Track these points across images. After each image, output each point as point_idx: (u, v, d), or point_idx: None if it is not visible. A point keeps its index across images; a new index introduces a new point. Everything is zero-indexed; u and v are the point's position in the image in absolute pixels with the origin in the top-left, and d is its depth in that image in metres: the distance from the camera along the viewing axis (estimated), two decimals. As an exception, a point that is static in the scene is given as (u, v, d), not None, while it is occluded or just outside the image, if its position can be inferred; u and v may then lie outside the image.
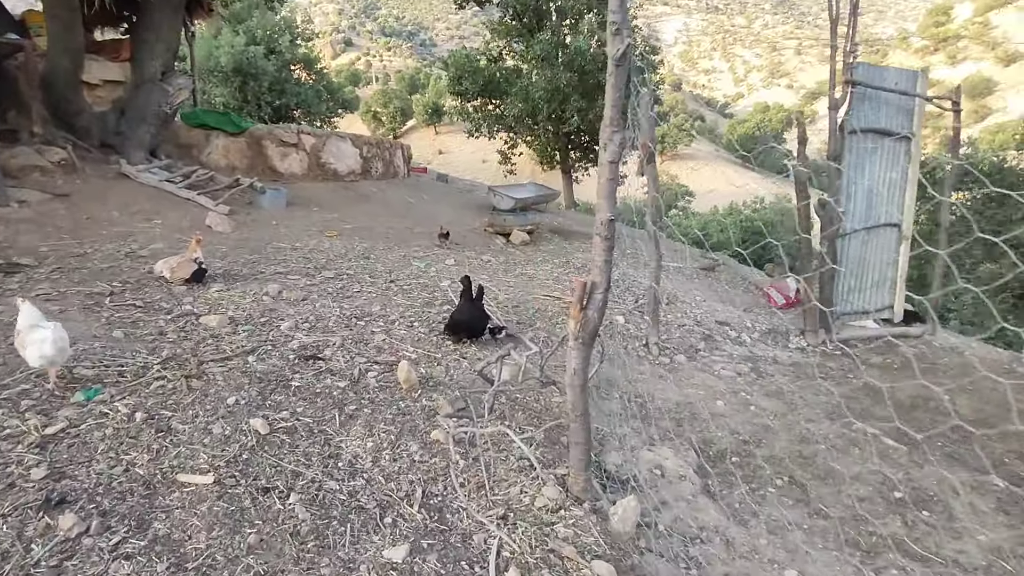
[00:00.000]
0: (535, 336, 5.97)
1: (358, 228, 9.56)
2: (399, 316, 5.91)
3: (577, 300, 3.20)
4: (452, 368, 4.88)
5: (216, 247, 7.62)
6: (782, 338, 7.51)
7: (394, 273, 7.50)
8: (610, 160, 3.07)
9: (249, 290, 6.08)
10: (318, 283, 6.68)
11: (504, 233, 10.82)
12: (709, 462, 4.28)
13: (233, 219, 8.75)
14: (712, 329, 7.38)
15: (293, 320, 5.42)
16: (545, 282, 8.39)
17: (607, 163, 3.08)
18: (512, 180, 29.14)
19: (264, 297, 5.96)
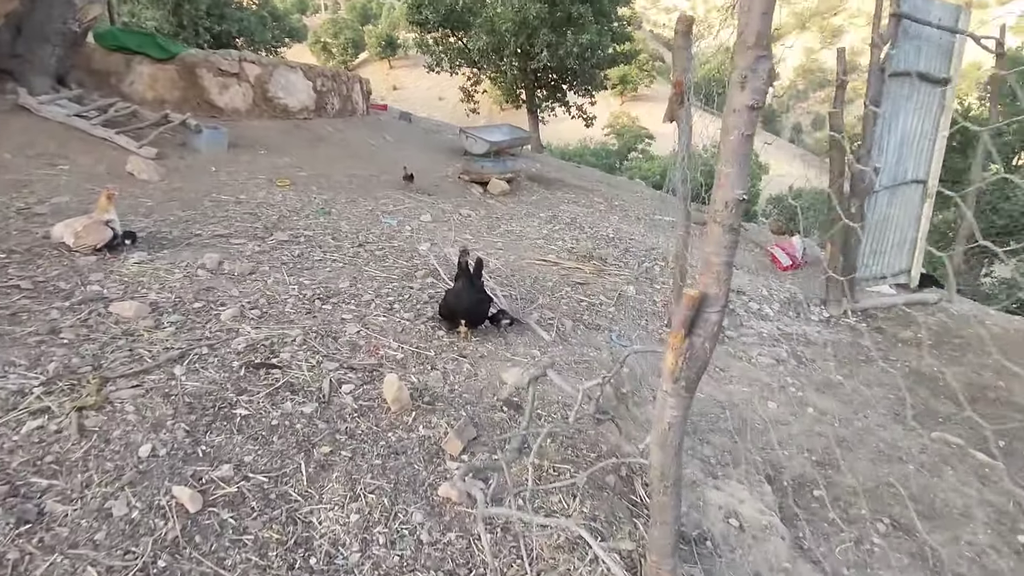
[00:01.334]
0: (542, 318, 4.82)
1: (315, 175, 8.07)
2: (374, 294, 4.65)
3: (681, 323, 2.05)
4: (451, 373, 3.71)
5: (139, 201, 6.09)
6: (803, 308, 6.59)
7: (362, 234, 6.16)
8: (750, 104, 1.85)
9: (180, 261, 4.69)
10: (269, 249, 5.31)
11: (481, 182, 9.49)
12: (789, 498, 3.30)
13: (161, 165, 7.14)
14: (731, 301, 6.37)
15: (238, 305, 4.11)
16: (536, 242, 7.19)
17: (744, 108, 1.86)
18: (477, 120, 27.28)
19: (199, 271, 4.59)
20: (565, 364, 4.12)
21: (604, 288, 5.94)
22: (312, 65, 12.31)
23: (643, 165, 36.73)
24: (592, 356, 4.36)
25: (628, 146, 45.02)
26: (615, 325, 5.11)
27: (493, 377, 3.75)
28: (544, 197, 9.61)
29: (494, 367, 3.86)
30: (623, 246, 7.52)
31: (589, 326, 4.96)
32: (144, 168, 6.80)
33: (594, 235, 7.81)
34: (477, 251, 6.35)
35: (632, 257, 7.20)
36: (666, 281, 6.54)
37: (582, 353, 4.36)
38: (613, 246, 7.45)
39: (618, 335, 4.89)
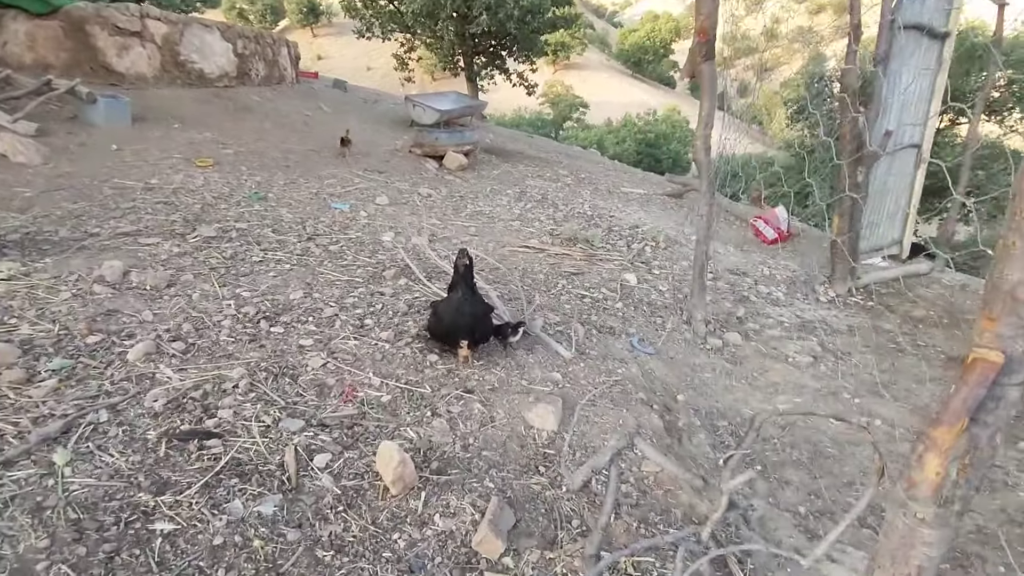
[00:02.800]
0: (547, 324, 3.86)
1: (243, 153, 6.72)
2: (337, 306, 3.56)
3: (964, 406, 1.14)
4: (459, 419, 2.71)
5: (13, 191, 4.67)
6: (807, 288, 5.92)
7: (309, 224, 4.98)
8: None
9: (68, 273, 3.44)
10: (192, 250, 4.09)
11: (436, 156, 8.34)
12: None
13: (44, 143, 5.65)
14: (734, 283, 5.62)
15: (152, 336, 2.95)
16: (511, 224, 6.19)
17: None
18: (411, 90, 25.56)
19: (96, 287, 3.36)
20: (594, 388, 3.20)
21: (602, 278, 5.04)
22: (230, 24, 10.64)
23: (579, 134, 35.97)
24: (622, 373, 3.45)
25: (563, 115, 44.17)
26: (630, 326, 4.22)
27: (515, 419, 2.79)
28: (506, 172, 8.57)
29: (512, 404, 2.89)
30: (605, 224, 6.63)
31: (602, 330, 4.05)
32: (20, 148, 5.31)
33: (571, 213, 6.88)
34: (447, 237, 5.31)
35: (618, 237, 6.32)
36: (663, 265, 5.71)
37: (608, 370, 3.45)
38: (595, 225, 6.55)
39: (639, 340, 4.00)
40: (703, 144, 4.13)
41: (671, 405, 3.35)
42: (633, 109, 41.73)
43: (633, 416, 3.01)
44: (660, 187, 9.83)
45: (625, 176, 10.21)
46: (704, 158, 4.15)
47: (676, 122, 39.41)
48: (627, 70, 55.27)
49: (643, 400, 3.23)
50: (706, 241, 4.31)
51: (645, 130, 35.98)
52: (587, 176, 9.14)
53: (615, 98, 49.72)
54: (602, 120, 40.28)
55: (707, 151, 4.15)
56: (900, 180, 6.76)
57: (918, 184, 6.93)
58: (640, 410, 3.10)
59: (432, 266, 4.48)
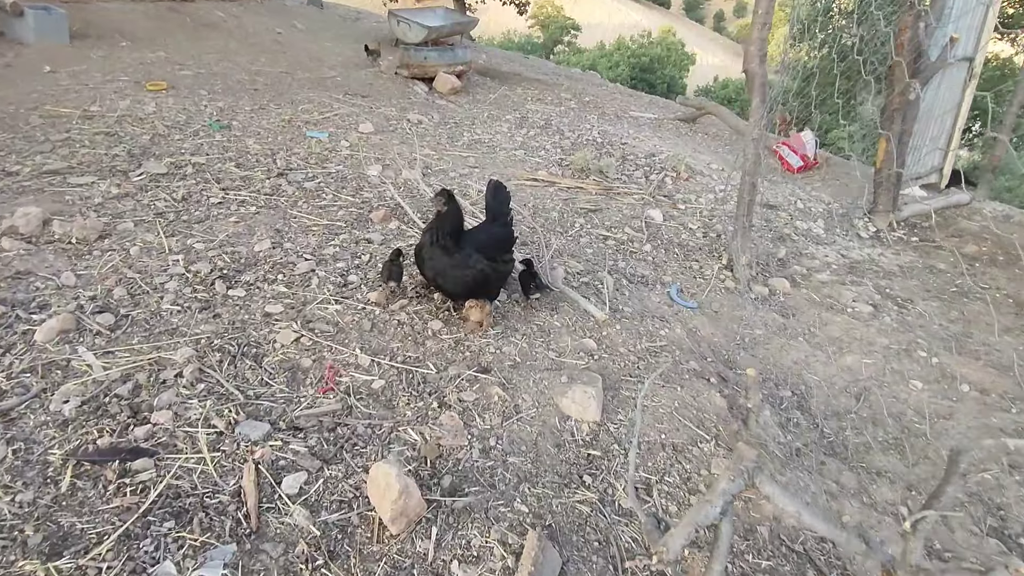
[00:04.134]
0: (570, 274, 3.17)
1: (204, 75, 5.75)
2: (314, 260, 2.84)
3: None
4: (474, 410, 2.06)
5: None
6: (845, 223, 5.23)
7: (281, 156, 4.17)
8: None
9: None
10: (135, 191, 3.31)
11: (425, 77, 7.35)
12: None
13: None
14: (768, 218, 4.91)
15: (71, 307, 2.24)
16: (514, 154, 5.38)
17: None
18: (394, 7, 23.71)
19: (4, 241, 2.61)
20: (636, 358, 2.55)
21: (623, 215, 4.32)
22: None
23: (571, 58, 34.09)
24: (665, 336, 2.80)
25: (554, 38, 41.91)
26: (664, 273, 3.54)
27: (545, 408, 2.14)
28: (504, 95, 7.63)
29: (540, 386, 2.24)
30: (618, 153, 5.83)
31: (633, 279, 3.37)
32: (-70, 69, 4.38)
33: (579, 141, 6.05)
34: (444, 170, 4.53)
35: (633, 167, 5.54)
36: (687, 199, 4.98)
37: (650, 332, 2.80)
38: (607, 154, 5.74)
39: (677, 290, 3.33)
40: (757, 50, 3.31)
41: (726, 374, 2.71)
42: (626, 31, 39.54)
43: (690, 395, 2.37)
44: (669, 111, 8.91)
45: (632, 100, 9.25)
46: (759, 68, 3.34)
47: (671, 44, 37.45)
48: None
49: (696, 371, 2.59)
50: (755, 172, 3.57)
51: (639, 53, 34.14)
52: (592, 100, 8.19)
53: (608, 19, 47.18)
54: (594, 43, 38.18)
55: (762, 59, 3.34)
56: (948, 99, 5.95)
57: (966, 105, 6.12)
58: (696, 386, 2.46)
59: (425, 203, 3.74)
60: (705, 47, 46.10)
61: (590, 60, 32.81)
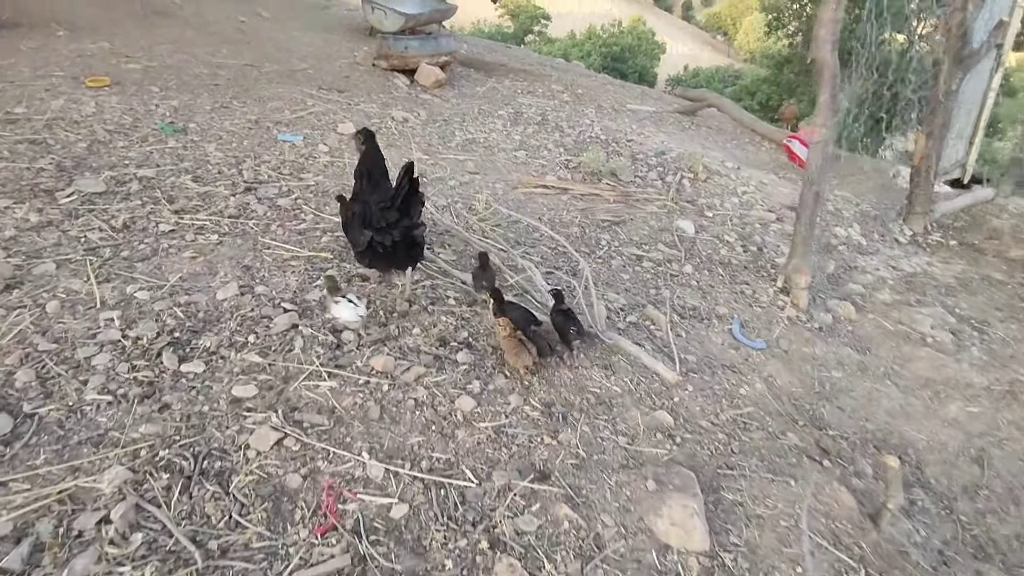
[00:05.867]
0: (612, 311, 2.55)
1: (155, 69, 4.93)
2: (297, 310, 2.15)
3: None
4: (538, 547, 1.43)
5: None
6: (879, 226, 4.71)
7: (248, 166, 3.44)
8: None
9: None
10: (62, 218, 2.57)
11: (406, 69, 6.60)
12: None
13: None
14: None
15: None
16: (515, 155, 4.71)
17: None
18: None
19: None
20: (726, 435, 1.95)
21: (650, 227, 3.71)
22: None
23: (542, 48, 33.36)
24: (746, 396, 2.22)
25: (524, 28, 41.06)
26: (715, 302, 2.95)
27: (635, 536, 1.52)
28: (492, 88, 6.93)
29: (620, 496, 1.61)
30: (626, 152, 5.20)
31: (685, 313, 2.77)
32: None
33: (582, 138, 5.41)
34: (442, 178, 3.85)
35: (645, 167, 4.93)
36: (713, 204, 4.40)
37: (728, 393, 2.20)
38: (615, 153, 5.11)
39: (739, 326, 2.73)
40: (829, 35, 2.70)
41: (825, 442, 2.12)
42: (596, 20, 38.94)
43: (808, 490, 1.78)
44: (665, 103, 8.31)
45: (624, 91, 8.62)
46: (830, 57, 2.73)
47: (641, 33, 36.97)
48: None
49: (798, 448, 2.00)
50: (820, 181, 2.98)
51: (610, 43, 33.59)
52: (585, 92, 7.55)
53: (578, 8, 46.48)
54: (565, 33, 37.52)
55: (834, 46, 2.73)
56: (976, 89, 5.46)
57: (992, 94, 5.65)
58: (811, 475, 1.86)
59: (429, 223, 3.07)
60: (675, 36, 45.77)
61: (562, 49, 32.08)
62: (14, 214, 2.57)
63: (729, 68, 33.92)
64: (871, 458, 2.17)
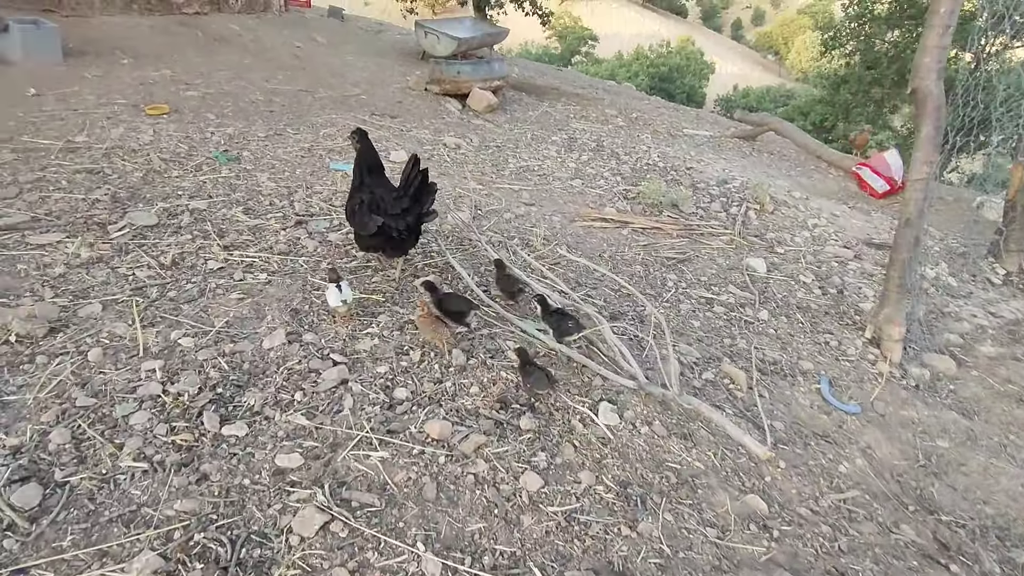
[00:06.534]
0: (686, 365, 2.31)
1: (212, 96, 4.97)
2: (346, 363, 1.99)
3: None
4: None
5: None
6: (970, 265, 4.31)
7: (300, 196, 3.35)
8: None
9: None
10: (112, 254, 2.50)
11: (458, 94, 6.53)
12: None
13: None
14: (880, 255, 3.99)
15: None
16: (570, 184, 4.52)
17: None
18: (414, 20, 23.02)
19: None
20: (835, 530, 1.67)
21: (718, 266, 3.44)
22: (200, -61, 8.55)
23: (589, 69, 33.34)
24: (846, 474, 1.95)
25: (571, 49, 41.24)
26: (797, 355, 2.66)
27: None
28: (545, 112, 6.79)
29: None
30: (686, 180, 4.95)
31: (766, 368, 2.50)
32: None
33: (639, 166, 5.19)
34: (497, 211, 3.68)
35: (707, 197, 4.66)
36: (783, 238, 4.09)
37: (825, 471, 1.93)
38: (674, 181, 4.87)
39: (828, 385, 2.44)
40: (935, 63, 2.42)
41: (946, 537, 1.82)
42: (644, 41, 38.80)
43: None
44: (721, 127, 8.01)
45: (679, 115, 8.36)
46: (935, 87, 2.44)
47: (690, 53, 36.64)
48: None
49: (916, 547, 1.71)
50: (919, 224, 2.67)
51: (658, 63, 33.35)
52: (639, 116, 7.33)
53: (625, 29, 46.49)
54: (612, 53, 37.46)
55: (940, 75, 2.44)
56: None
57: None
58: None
59: (484, 260, 2.89)
60: (724, 56, 45.17)
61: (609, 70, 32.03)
62: (66, 248, 2.51)
63: (780, 88, 33.17)
64: (996, 552, 1.86)
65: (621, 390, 2.07)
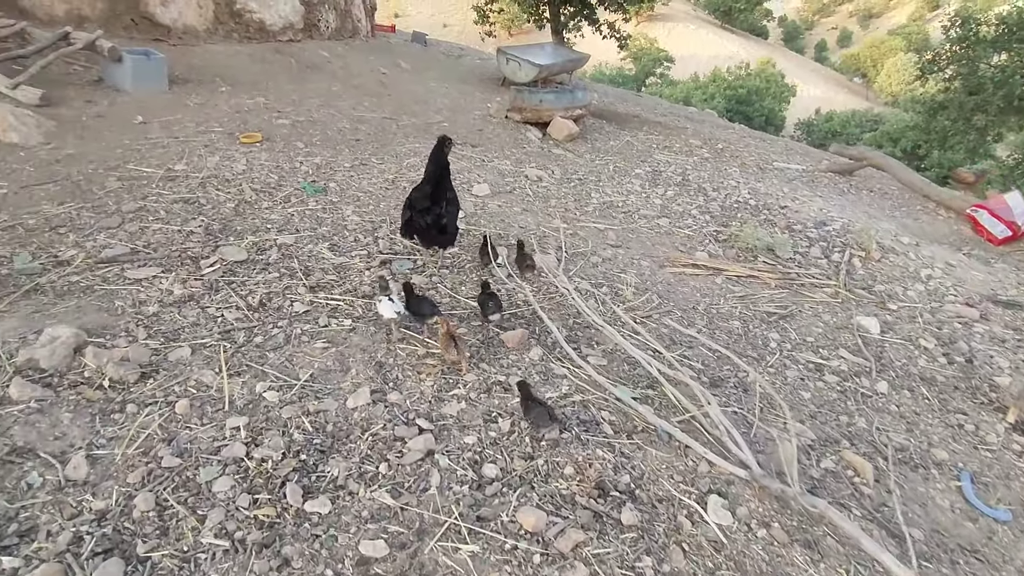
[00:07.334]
0: (800, 447, 2.05)
1: (302, 123, 5.08)
2: (431, 429, 1.87)
3: None
4: None
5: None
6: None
7: (384, 233, 3.31)
8: None
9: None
10: (203, 292, 2.50)
11: (539, 122, 6.44)
12: None
13: (50, 116, 4.19)
14: (1019, 327, 3.54)
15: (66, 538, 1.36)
16: (657, 224, 4.30)
17: None
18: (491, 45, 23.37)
19: (16, 385, 1.81)
20: None
21: (825, 324, 3.14)
22: (297, -32, 8.95)
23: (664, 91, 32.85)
24: None
25: (646, 71, 40.84)
26: (927, 439, 2.34)
27: None
28: (626, 142, 6.60)
29: None
30: (780, 221, 4.62)
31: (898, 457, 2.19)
32: (13, 123, 3.87)
33: (728, 203, 4.91)
34: (583, 253, 3.51)
35: (805, 241, 4.32)
36: (894, 292, 3.72)
37: None
38: (768, 222, 4.56)
39: (971, 484, 2.12)
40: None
41: None
42: (722, 62, 37.90)
43: None
44: (811, 158, 7.55)
45: (767, 145, 7.96)
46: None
47: (770, 76, 35.47)
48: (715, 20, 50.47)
49: None
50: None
51: (736, 85, 32.43)
52: (725, 146, 7.01)
53: (702, 51, 45.63)
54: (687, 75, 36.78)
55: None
56: None
57: None
58: None
59: (572, 311, 2.72)
60: (806, 78, 43.52)
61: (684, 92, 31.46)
62: (160, 284, 2.53)
63: (867, 112, 31.50)
64: None
65: (731, 480, 1.85)
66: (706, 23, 51.28)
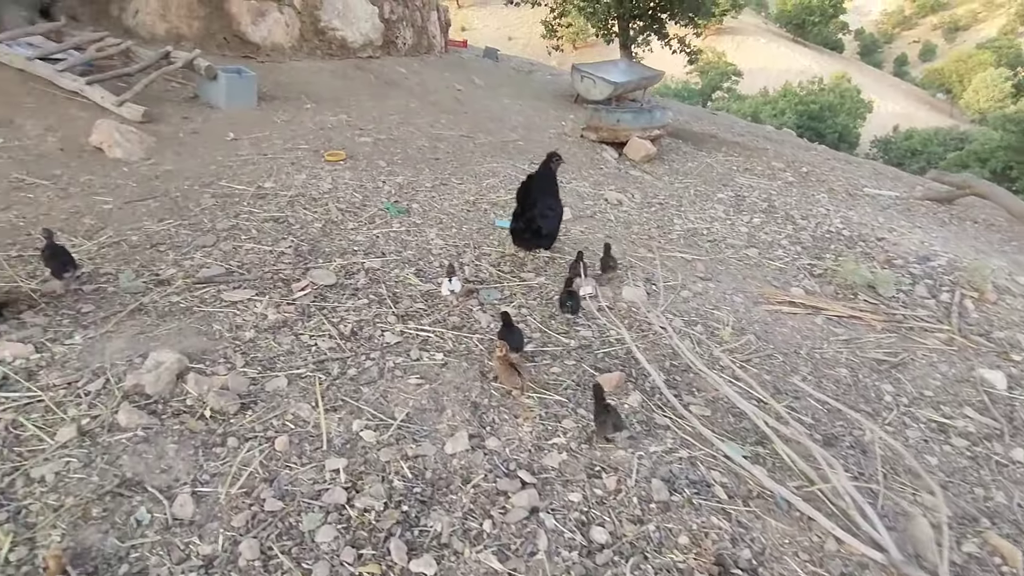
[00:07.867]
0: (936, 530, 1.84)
1: (383, 141, 5.13)
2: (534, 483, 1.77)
3: None
4: None
5: (93, 200, 3.38)
6: None
7: (468, 256, 3.25)
8: None
9: (90, 373, 1.95)
10: (296, 317, 2.49)
11: (615, 142, 6.30)
12: None
13: (151, 132, 4.37)
14: None
15: None
16: (745, 254, 4.08)
17: None
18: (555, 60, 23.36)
19: (124, 412, 1.83)
20: None
21: (942, 375, 2.87)
22: (376, -14, 9.15)
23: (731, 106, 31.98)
24: None
25: (713, 84, 39.96)
26: None
27: None
28: (705, 164, 6.37)
29: None
30: (879, 254, 4.32)
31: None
32: (118, 139, 4.04)
33: (820, 233, 4.63)
34: (671, 286, 3.34)
35: (907, 276, 4.01)
36: (1015, 341, 3.38)
37: None
38: (865, 255, 4.26)
39: None
40: None
41: None
42: (793, 77, 36.66)
43: None
44: (902, 184, 7.10)
45: (852, 168, 7.54)
46: None
47: (845, 91, 34.08)
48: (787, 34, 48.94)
49: None
50: None
51: (807, 100, 31.24)
52: (809, 170, 6.67)
53: (772, 64, 44.35)
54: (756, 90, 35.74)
55: None
56: None
57: None
58: None
59: (668, 351, 2.58)
60: (884, 94, 41.60)
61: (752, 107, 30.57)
62: (255, 308, 2.54)
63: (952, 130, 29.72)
64: None
65: (865, 563, 1.66)
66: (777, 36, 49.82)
